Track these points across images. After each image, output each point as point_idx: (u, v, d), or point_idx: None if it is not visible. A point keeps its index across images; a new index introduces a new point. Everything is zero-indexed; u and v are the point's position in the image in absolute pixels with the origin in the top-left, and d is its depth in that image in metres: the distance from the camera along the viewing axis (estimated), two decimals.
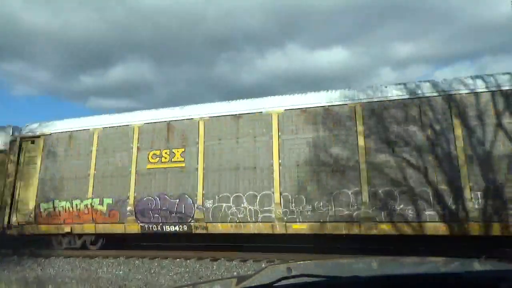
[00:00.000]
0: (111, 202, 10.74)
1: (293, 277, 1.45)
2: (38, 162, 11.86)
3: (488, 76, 8.61)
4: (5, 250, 11.39)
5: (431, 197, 8.29)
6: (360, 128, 9.02)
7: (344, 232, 8.66)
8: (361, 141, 8.94)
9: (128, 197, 10.57)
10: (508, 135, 8.06)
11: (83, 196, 11.05)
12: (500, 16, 38.79)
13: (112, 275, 8.78)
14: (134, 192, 10.54)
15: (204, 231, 9.80)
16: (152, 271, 8.87)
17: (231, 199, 9.67)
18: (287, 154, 9.48)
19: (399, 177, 8.59)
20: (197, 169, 10.12)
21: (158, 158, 10.57)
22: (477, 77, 8.74)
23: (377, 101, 9.06)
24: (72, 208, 11.09)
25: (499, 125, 8.15)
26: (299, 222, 9.08)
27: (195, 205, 9.93)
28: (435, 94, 8.71)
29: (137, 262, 9.59)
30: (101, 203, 10.83)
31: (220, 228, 9.69)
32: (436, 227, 8.18)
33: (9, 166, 12.27)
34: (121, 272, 9.00)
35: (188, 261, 9.34)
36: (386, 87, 9.25)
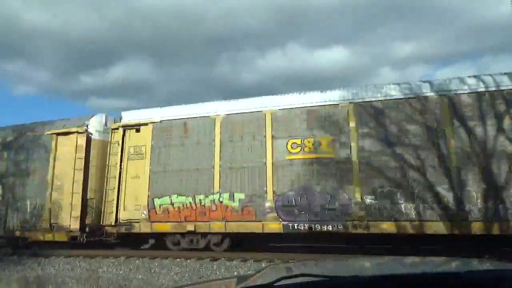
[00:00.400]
0: (243, 197, 9.48)
1: (293, 277, 1.42)
2: (147, 153, 10.57)
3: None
4: (5, 250, 11.08)
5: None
6: None
7: None
8: None
9: (265, 192, 9.32)
10: None
11: (208, 191, 9.78)
12: (500, 16, 38.18)
13: (113, 275, 8.63)
14: (273, 186, 9.30)
15: (365, 231, 8.58)
16: (153, 271, 8.73)
17: (398, 194, 8.47)
18: (464, 141, 8.32)
19: None
20: (351, 160, 8.91)
21: (299, 148, 9.35)
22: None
23: None
24: (195, 204, 9.82)
25: None
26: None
27: (353, 201, 8.72)
28: None
29: (137, 262, 9.35)
30: (232, 198, 9.56)
31: (384, 227, 8.49)
32: None
33: (112, 158, 10.98)
34: (121, 272, 8.84)
35: (188, 260, 9.09)
36: None
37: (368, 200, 8.62)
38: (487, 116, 8.22)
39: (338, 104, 9.32)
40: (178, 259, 9.24)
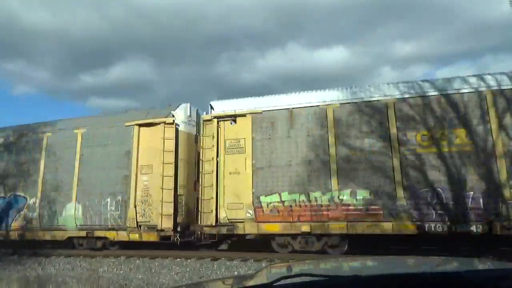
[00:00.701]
0: (368, 194, 8.59)
1: (293, 276, 1.42)
2: (248, 146, 9.64)
3: None
4: (5, 250, 11.09)
5: None
6: None
7: None
8: None
9: (394, 189, 8.43)
10: None
11: (324, 188, 8.87)
12: (501, 15, 37.43)
13: (113, 275, 8.60)
14: (403, 181, 8.40)
15: None
16: (153, 271, 8.73)
17: None
18: None
19: None
20: (491, 153, 8.03)
21: (430, 140, 8.45)
22: None
23: None
24: (310, 203, 8.92)
25: None
26: None
27: (500, 199, 7.85)
28: None
29: (137, 261, 9.41)
30: (354, 196, 8.67)
31: None
32: None
33: (206, 152, 10.05)
34: (121, 272, 8.83)
35: (188, 260, 9.15)
36: None
37: None
38: None
39: (474, 92, 8.41)
40: (178, 259, 9.24)
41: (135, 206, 10.22)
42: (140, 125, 10.66)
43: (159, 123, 10.44)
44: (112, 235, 10.47)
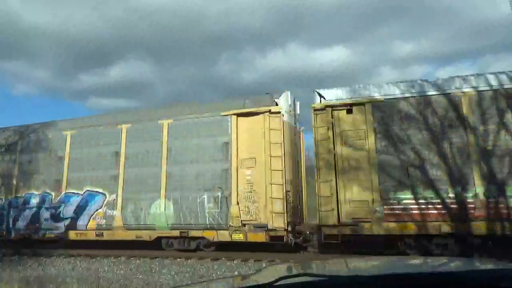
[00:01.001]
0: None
1: (293, 276, 1.39)
2: (369, 138, 8.76)
3: None
4: (6, 250, 11.19)
5: None
6: None
7: None
8: None
9: None
10: None
11: (465, 183, 8.03)
12: (501, 15, 36.87)
13: (113, 275, 8.60)
14: None
15: None
16: (153, 271, 8.74)
17: None
18: None
19: None
20: None
21: None
22: None
23: None
24: (449, 200, 8.08)
25: None
26: None
27: None
28: None
29: (138, 261, 9.49)
30: (502, 192, 7.85)
31: None
32: None
33: (320, 144, 9.15)
34: (122, 272, 8.83)
35: (189, 260, 9.20)
36: None
37: None
38: None
39: None
40: (178, 259, 9.26)
41: (238, 203, 9.34)
42: (238, 115, 9.75)
43: (262, 112, 9.54)
44: (211, 235, 9.58)
